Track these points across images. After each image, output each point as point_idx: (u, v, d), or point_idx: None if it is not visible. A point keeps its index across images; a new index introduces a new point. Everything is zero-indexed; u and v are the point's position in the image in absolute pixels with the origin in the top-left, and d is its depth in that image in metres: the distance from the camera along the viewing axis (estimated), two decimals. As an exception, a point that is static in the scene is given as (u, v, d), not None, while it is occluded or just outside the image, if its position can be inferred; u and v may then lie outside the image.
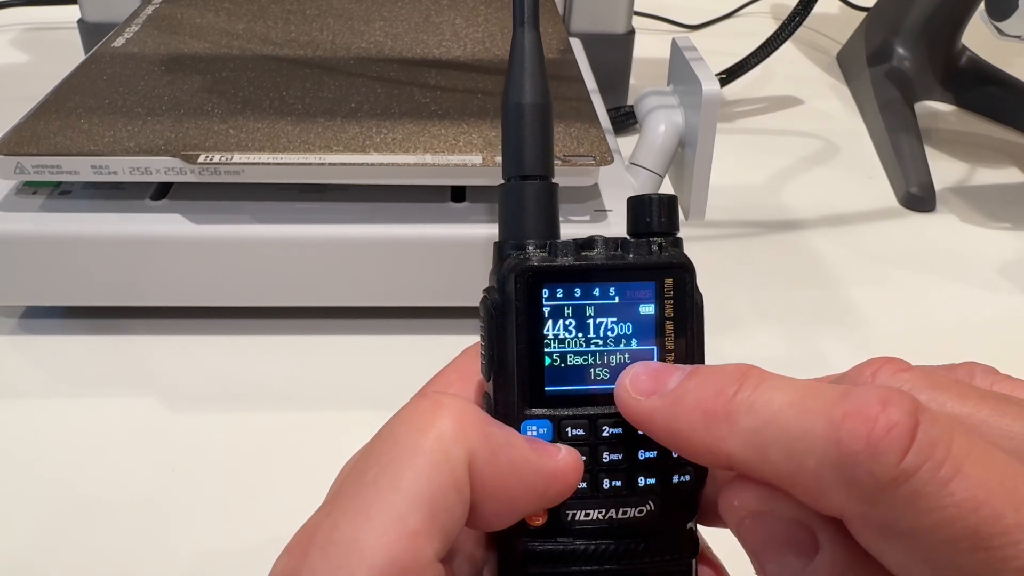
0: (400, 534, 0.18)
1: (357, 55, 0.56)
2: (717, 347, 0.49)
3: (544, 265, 0.22)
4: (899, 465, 0.17)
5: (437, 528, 0.19)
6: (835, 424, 0.17)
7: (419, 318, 0.49)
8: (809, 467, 0.18)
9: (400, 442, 0.20)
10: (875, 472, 0.17)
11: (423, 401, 0.21)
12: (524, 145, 0.23)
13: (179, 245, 0.45)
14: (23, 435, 0.41)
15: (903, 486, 0.17)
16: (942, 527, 0.17)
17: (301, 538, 0.19)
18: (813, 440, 0.18)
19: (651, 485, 0.22)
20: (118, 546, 0.36)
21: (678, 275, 0.22)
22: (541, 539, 0.22)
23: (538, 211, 0.23)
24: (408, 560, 0.18)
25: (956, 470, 0.17)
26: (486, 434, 0.20)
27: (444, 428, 0.20)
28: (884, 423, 0.17)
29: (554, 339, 0.22)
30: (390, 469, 0.19)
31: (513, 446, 0.21)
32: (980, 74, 0.77)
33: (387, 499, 0.19)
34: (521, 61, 0.24)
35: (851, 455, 0.17)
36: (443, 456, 0.19)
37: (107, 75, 0.52)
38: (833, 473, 0.17)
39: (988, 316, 0.53)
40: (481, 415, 0.21)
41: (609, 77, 0.69)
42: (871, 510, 0.17)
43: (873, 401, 0.17)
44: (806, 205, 0.63)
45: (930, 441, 0.17)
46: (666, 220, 0.23)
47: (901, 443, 0.17)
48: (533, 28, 0.24)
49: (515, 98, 0.24)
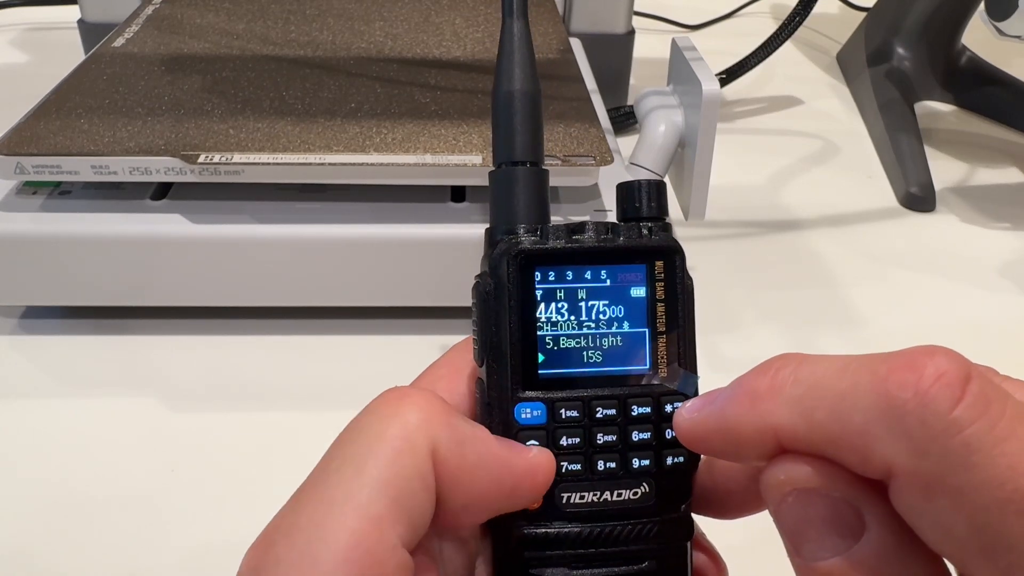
0: (362, 519, 0.18)
1: (357, 55, 0.56)
2: (717, 347, 0.49)
3: (536, 248, 0.22)
4: (951, 414, 0.16)
5: (401, 515, 0.19)
6: (881, 377, 0.17)
7: (419, 318, 0.49)
8: (856, 423, 0.17)
9: (364, 431, 0.20)
10: (926, 420, 0.17)
11: (390, 394, 0.21)
12: (514, 132, 0.24)
13: (179, 245, 0.45)
14: (23, 435, 0.41)
15: (956, 437, 0.16)
16: (992, 487, 0.16)
17: (266, 532, 0.19)
18: (859, 395, 0.17)
19: (645, 467, 0.22)
20: (118, 546, 0.36)
21: (669, 258, 0.23)
22: (536, 523, 0.22)
23: (529, 197, 0.23)
24: (371, 545, 0.18)
25: (1011, 431, 0.16)
26: (451, 426, 0.20)
27: (409, 418, 0.20)
28: (933, 371, 0.17)
29: (547, 322, 0.22)
30: (354, 458, 0.19)
31: (480, 440, 0.21)
32: (980, 74, 0.77)
33: (349, 486, 0.19)
34: (511, 51, 0.24)
35: (899, 404, 0.17)
36: (407, 444, 0.19)
37: (107, 75, 0.52)
38: (881, 425, 0.17)
39: (988, 316, 0.53)
40: (448, 408, 0.21)
41: (609, 77, 0.70)
42: (920, 462, 0.17)
43: (919, 353, 0.17)
44: (806, 205, 0.63)
45: (985, 398, 0.17)
46: (655, 205, 0.23)
47: (952, 391, 0.17)
48: (522, 18, 0.25)
49: (505, 86, 0.24)
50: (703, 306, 0.24)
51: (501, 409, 0.22)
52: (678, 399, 0.22)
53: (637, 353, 0.23)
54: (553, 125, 0.47)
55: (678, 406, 0.22)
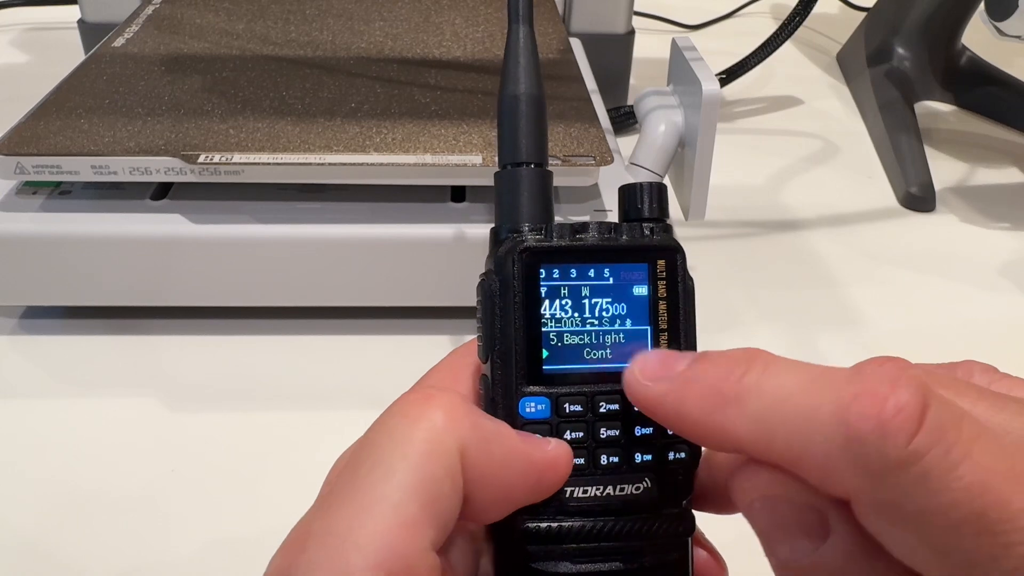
0: (395, 524, 0.18)
1: (357, 55, 0.56)
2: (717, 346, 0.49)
3: (541, 246, 0.23)
4: (908, 446, 0.17)
5: (432, 517, 0.19)
6: (844, 405, 0.17)
7: (419, 318, 0.49)
8: (817, 448, 0.18)
9: (392, 435, 0.20)
10: (885, 452, 0.17)
11: (414, 395, 0.21)
12: (519, 133, 0.25)
13: (179, 245, 0.45)
14: (23, 435, 0.41)
15: (912, 467, 0.17)
16: (949, 510, 0.17)
17: (297, 534, 0.19)
18: (821, 421, 0.18)
19: (648, 462, 0.22)
20: (118, 545, 0.36)
21: (670, 257, 0.23)
22: (539, 517, 0.22)
23: (533, 197, 0.24)
24: (404, 549, 0.18)
25: (965, 454, 0.17)
26: (477, 425, 0.20)
27: (435, 419, 0.20)
28: (894, 404, 0.17)
29: (551, 319, 0.23)
30: (383, 461, 0.19)
31: (504, 436, 0.21)
32: (980, 74, 0.77)
33: (381, 490, 0.19)
34: (516, 55, 0.25)
35: (860, 435, 0.17)
36: (436, 446, 0.19)
37: (107, 75, 0.52)
38: (841, 453, 0.17)
39: (988, 316, 0.53)
40: (471, 407, 0.21)
41: (609, 77, 0.70)
42: (879, 491, 0.17)
43: (883, 381, 0.17)
44: (806, 205, 0.63)
45: (940, 424, 0.17)
46: (656, 207, 0.24)
47: (911, 424, 0.17)
48: (527, 23, 0.26)
49: (510, 89, 0.25)
50: (703, 306, 0.24)
51: (505, 404, 0.22)
52: None
53: (639, 350, 0.23)
54: (553, 125, 0.47)
55: None
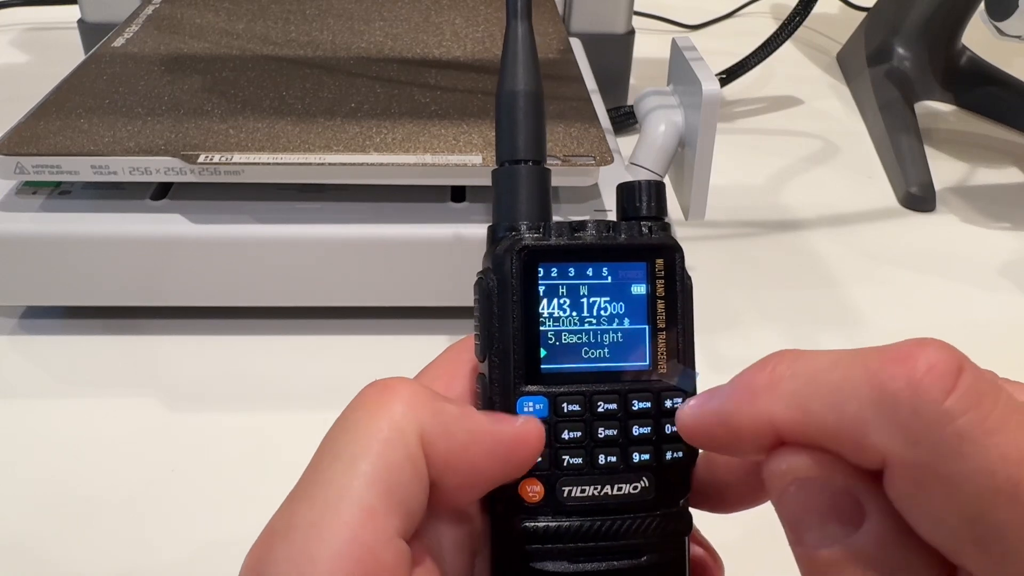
0: (357, 513, 0.19)
1: (357, 55, 0.56)
2: (717, 346, 0.49)
3: (539, 244, 0.22)
4: (943, 404, 0.17)
5: (396, 505, 0.19)
6: (874, 369, 0.18)
7: (419, 318, 0.49)
8: (850, 413, 0.18)
9: (352, 427, 0.20)
10: (918, 409, 0.17)
11: (373, 387, 0.21)
12: (517, 130, 0.24)
13: (179, 245, 0.45)
14: (23, 435, 0.41)
15: (948, 426, 0.17)
16: (983, 476, 0.16)
17: (265, 533, 0.19)
18: (853, 386, 0.18)
19: (645, 461, 0.22)
20: (118, 545, 0.36)
21: (669, 256, 0.23)
22: (537, 516, 0.22)
23: (531, 194, 0.24)
24: (368, 539, 0.18)
25: (1002, 424, 0.17)
26: (438, 410, 0.21)
27: (395, 408, 0.20)
28: (924, 362, 0.17)
29: (549, 317, 0.22)
30: (344, 454, 0.20)
31: (468, 417, 0.21)
32: (980, 74, 0.77)
33: (341, 482, 0.19)
34: (514, 51, 0.25)
35: (892, 394, 0.17)
36: (394, 434, 0.20)
37: (107, 75, 0.52)
38: (874, 415, 0.17)
39: (988, 316, 0.53)
40: (431, 393, 0.21)
41: (609, 77, 0.70)
42: (913, 451, 0.17)
43: (911, 345, 0.18)
44: (806, 205, 0.63)
45: (977, 391, 0.17)
46: (655, 205, 0.24)
47: (944, 382, 0.17)
48: (525, 20, 0.25)
49: (508, 86, 0.25)
50: (703, 306, 0.24)
51: (503, 403, 0.22)
52: (677, 395, 0.23)
53: (637, 349, 0.23)
54: (553, 125, 0.47)
55: (678, 402, 0.22)
